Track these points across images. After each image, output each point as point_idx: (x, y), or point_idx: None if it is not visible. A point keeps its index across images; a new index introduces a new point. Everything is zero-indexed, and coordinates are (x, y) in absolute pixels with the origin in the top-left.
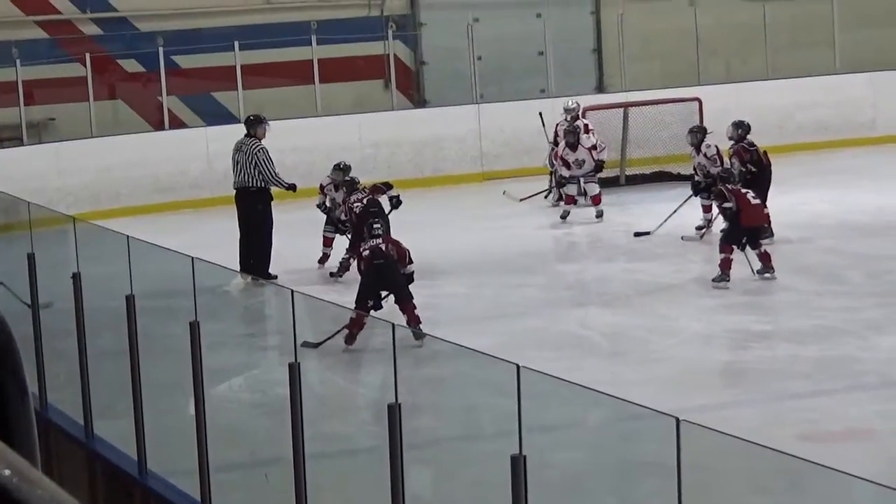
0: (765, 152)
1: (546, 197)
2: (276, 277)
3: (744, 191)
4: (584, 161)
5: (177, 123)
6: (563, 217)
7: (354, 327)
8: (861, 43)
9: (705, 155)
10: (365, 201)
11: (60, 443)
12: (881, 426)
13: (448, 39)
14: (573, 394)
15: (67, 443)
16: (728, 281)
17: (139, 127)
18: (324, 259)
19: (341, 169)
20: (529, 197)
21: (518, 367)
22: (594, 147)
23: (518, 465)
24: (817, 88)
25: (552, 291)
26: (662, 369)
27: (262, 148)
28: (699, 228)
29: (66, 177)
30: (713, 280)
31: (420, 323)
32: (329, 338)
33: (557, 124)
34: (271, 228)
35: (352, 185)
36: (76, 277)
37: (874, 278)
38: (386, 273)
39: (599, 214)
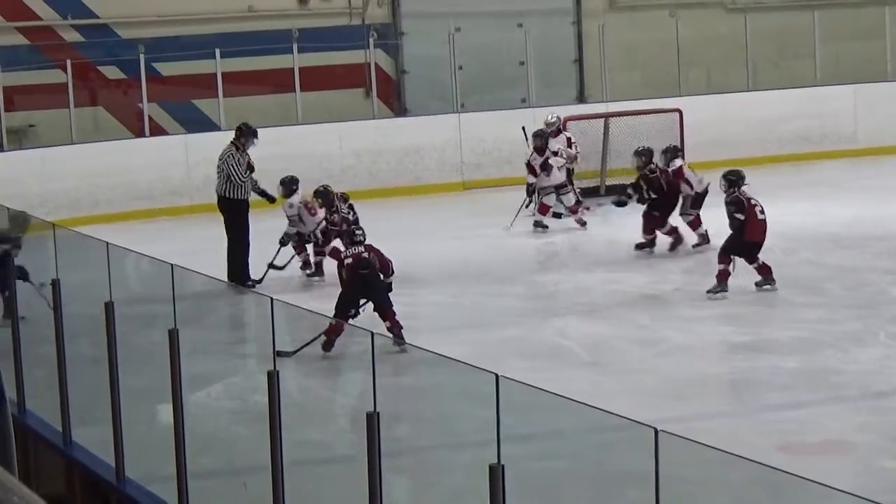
0: (674, 172)
1: (527, 206)
2: (257, 283)
3: (754, 202)
4: (551, 167)
5: (157, 130)
6: (536, 225)
7: (333, 333)
8: (842, 55)
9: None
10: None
11: (39, 449)
12: (860, 438)
13: (429, 48)
14: (552, 404)
15: (46, 449)
16: (726, 292)
17: (120, 134)
18: (305, 265)
19: (284, 183)
20: (514, 219)
21: (497, 376)
22: (556, 153)
23: (497, 474)
24: (798, 100)
25: (532, 301)
26: (642, 380)
27: (230, 154)
28: (696, 245)
29: (46, 183)
30: (708, 291)
31: (401, 328)
32: (304, 346)
33: (527, 139)
34: (245, 235)
35: (327, 196)
36: (55, 284)
37: (853, 290)
38: (369, 283)
39: (581, 224)
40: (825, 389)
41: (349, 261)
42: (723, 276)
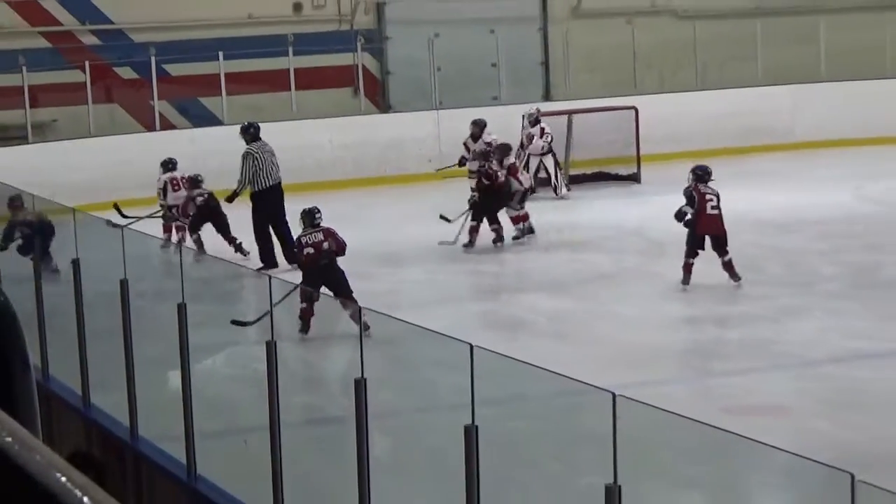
0: (495, 172)
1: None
2: (271, 267)
3: (708, 198)
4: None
5: (167, 125)
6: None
7: (307, 316)
8: (781, 58)
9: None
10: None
11: (61, 411)
12: (795, 402)
13: (411, 52)
14: (520, 370)
15: (67, 411)
16: (687, 284)
17: (133, 128)
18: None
19: (163, 164)
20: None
21: (471, 346)
22: (516, 169)
23: (471, 434)
24: (742, 99)
25: (502, 279)
26: (600, 350)
27: (243, 154)
28: (516, 238)
29: (68, 172)
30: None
31: (364, 314)
32: (260, 318)
33: (522, 128)
34: (259, 226)
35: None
36: (75, 263)
37: (789, 269)
38: (328, 272)
39: (520, 234)
40: (764, 358)
41: (310, 251)
42: (685, 270)
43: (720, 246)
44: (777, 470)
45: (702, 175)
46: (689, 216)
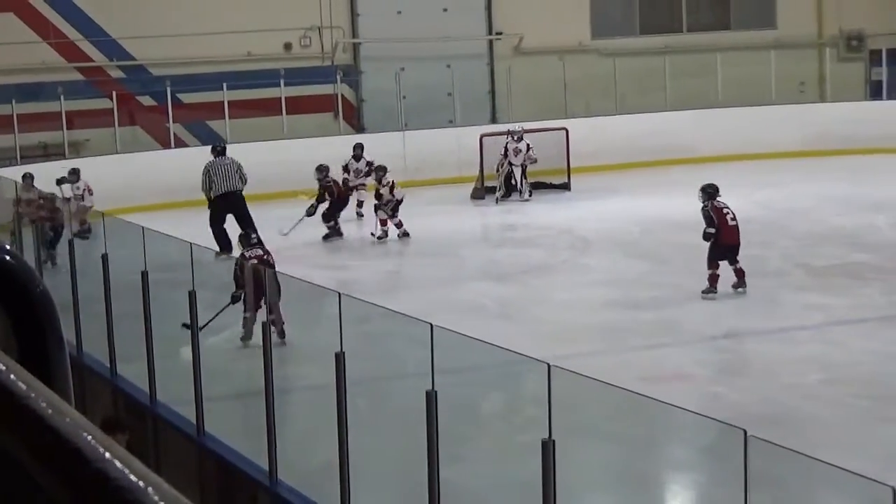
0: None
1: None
2: (227, 251)
3: (725, 212)
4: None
5: (180, 144)
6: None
7: (250, 324)
8: (685, 88)
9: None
10: None
11: (93, 380)
12: (698, 371)
13: (381, 83)
14: (472, 345)
15: (97, 380)
16: (716, 293)
17: (152, 146)
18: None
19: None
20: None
21: (431, 325)
22: (394, 185)
23: (431, 398)
24: (654, 122)
25: (456, 270)
26: (538, 328)
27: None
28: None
29: (98, 182)
30: (703, 292)
31: (283, 324)
32: (207, 323)
33: (507, 143)
34: (212, 221)
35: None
36: (104, 258)
37: (693, 261)
38: (264, 282)
39: (380, 237)
40: (672, 335)
41: (253, 261)
42: (713, 280)
43: (734, 254)
44: (683, 427)
45: (713, 193)
46: (712, 231)
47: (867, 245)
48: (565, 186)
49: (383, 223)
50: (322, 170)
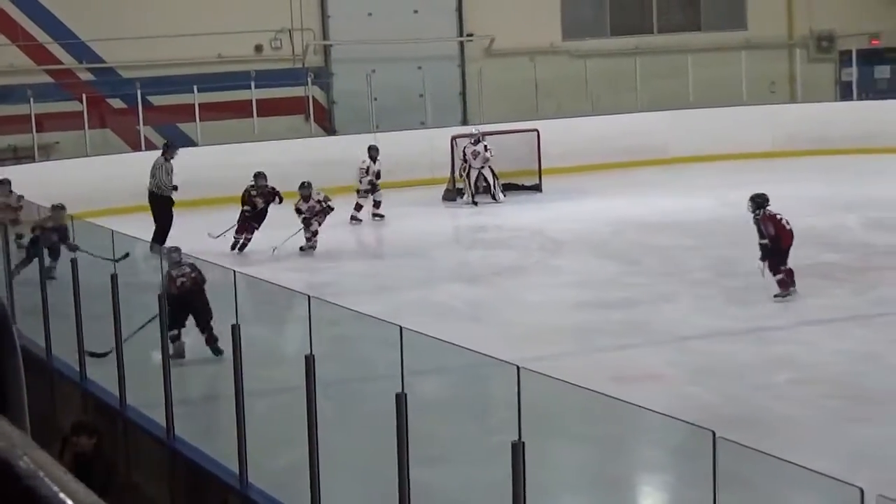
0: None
1: (464, 198)
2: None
3: (779, 217)
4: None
5: (151, 146)
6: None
7: (176, 340)
8: (657, 89)
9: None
10: None
11: (62, 383)
12: (669, 371)
13: (353, 85)
14: (442, 347)
15: (67, 383)
16: (794, 289)
17: (123, 149)
18: None
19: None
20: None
21: (401, 327)
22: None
23: (401, 400)
24: (625, 123)
25: (427, 271)
26: (509, 329)
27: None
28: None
29: (68, 186)
30: (776, 296)
31: (216, 341)
32: (109, 352)
33: (465, 147)
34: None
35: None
36: (74, 262)
37: (664, 262)
38: (196, 300)
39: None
40: (643, 335)
41: (182, 280)
42: (783, 283)
43: (786, 257)
44: (653, 428)
45: (761, 203)
46: (766, 241)
47: (838, 245)
48: (537, 188)
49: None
50: (261, 176)
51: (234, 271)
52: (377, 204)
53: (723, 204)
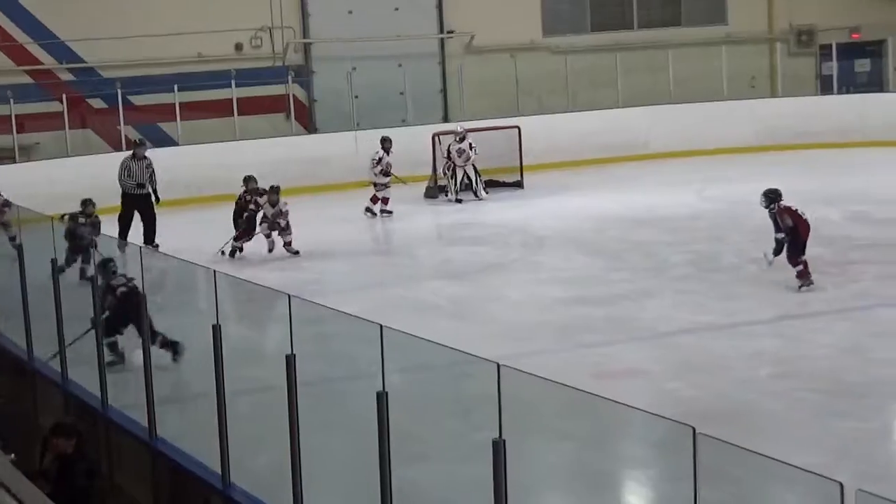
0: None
1: (447, 195)
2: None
3: (794, 208)
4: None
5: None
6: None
7: (115, 347)
8: (637, 84)
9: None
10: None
11: (45, 386)
12: (651, 367)
13: (333, 83)
14: (424, 345)
15: (49, 386)
16: (811, 281)
17: (103, 149)
18: None
19: None
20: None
21: (381, 326)
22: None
23: (382, 399)
24: (605, 118)
25: (410, 269)
26: (490, 327)
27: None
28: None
29: (49, 186)
30: (802, 287)
31: (177, 344)
32: (54, 356)
33: (449, 145)
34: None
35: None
36: (53, 262)
37: (647, 258)
38: (135, 309)
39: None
40: (625, 331)
41: (123, 289)
42: (803, 274)
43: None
44: (635, 424)
45: (774, 197)
46: (783, 235)
47: (820, 239)
48: (518, 184)
49: (287, 244)
50: (251, 179)
51: (215, 271)
52: (385, 200)
53: (703, 199)
